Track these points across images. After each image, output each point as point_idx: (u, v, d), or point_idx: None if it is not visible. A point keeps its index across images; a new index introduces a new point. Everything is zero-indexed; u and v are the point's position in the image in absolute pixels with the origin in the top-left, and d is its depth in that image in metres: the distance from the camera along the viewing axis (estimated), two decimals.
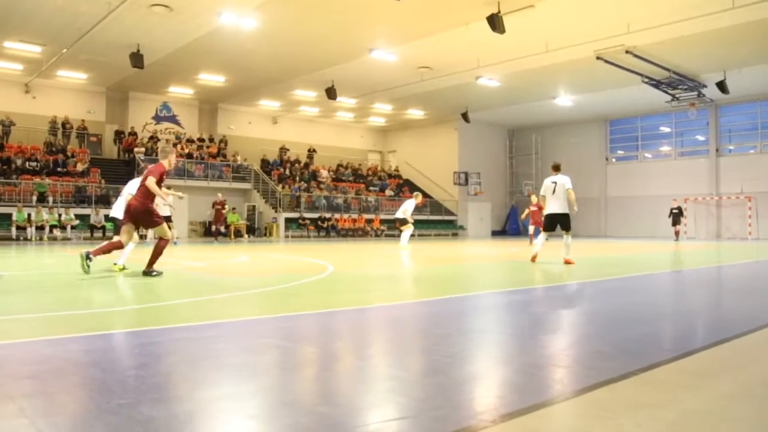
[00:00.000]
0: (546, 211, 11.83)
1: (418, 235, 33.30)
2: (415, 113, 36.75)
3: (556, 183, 11.53)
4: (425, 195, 37.97)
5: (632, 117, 35.90)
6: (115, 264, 9.57)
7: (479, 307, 6.33)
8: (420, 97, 31.66)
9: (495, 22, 18.15)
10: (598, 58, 23.31)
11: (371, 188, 36.57)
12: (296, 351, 4.01)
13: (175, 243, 19.01)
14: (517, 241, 23.54)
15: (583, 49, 22.41)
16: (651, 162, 35.66)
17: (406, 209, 18.91)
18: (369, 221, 32.43)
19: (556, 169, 11.81)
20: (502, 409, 2.71)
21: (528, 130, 39.78)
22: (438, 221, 36.71)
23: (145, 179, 8.68)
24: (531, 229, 21.39)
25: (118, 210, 10.89)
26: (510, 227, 39.87)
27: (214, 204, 25.81)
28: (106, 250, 8.73)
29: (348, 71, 26.41)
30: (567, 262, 11.52)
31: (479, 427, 2.46)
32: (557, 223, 11.71)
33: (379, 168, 40.45)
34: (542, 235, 12.10)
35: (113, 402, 2.71)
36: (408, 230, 18.76)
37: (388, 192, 36.69)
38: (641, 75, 25.69)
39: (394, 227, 32.82)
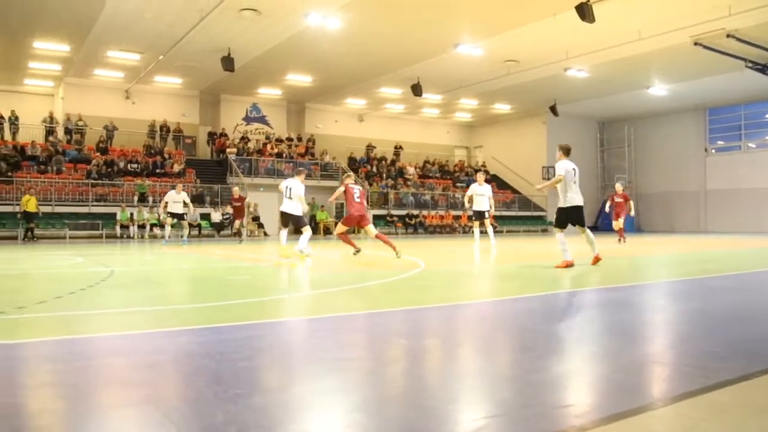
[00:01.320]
0: (568, 204, 9.65)
1: (506, 232, 32.80)
2: (502, 107, 36.18)
3: (575, 169, 9.68)
4: (513, 191, 37.39)
5: (734, 105, 33.86)
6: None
7: (574, 305, 6.12)
8: (507, 91, 31.15)
9: (584, 11, 17.59)
10: (695, 44, 22.15)
11: (458, 184, 36.28)
12: (396, 346, 4.01)
13: (183, 242, 19.44)
14: (609, 236, 22.73)
15: (679, 35, 21.36)
16: (756, 152, 33.55)
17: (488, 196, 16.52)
18: (456, 217, 32.19)
19: (569, 152, 9.95)
20: (606, 409, 2.58)
21: (620, 121, 38.36)
22: (526, 217, 36.01)
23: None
24: (617, 223, 19.02)
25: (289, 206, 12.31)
26: (602, 222, 38.54)
27: (232, 201, 21.86)
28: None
29: (433, 67, 26.30)
30: (597, 260, 9.91)
31: (586, 427, 2.34)
32: (576, 218, 9.72)
33: (465, 164, 40.10)
34: (561, 235, 9.82)
35: (230, 391, 2.79)
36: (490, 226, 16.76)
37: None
38: (744, 60, 24.21)
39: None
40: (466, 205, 17.46)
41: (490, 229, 16.70)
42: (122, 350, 3.82)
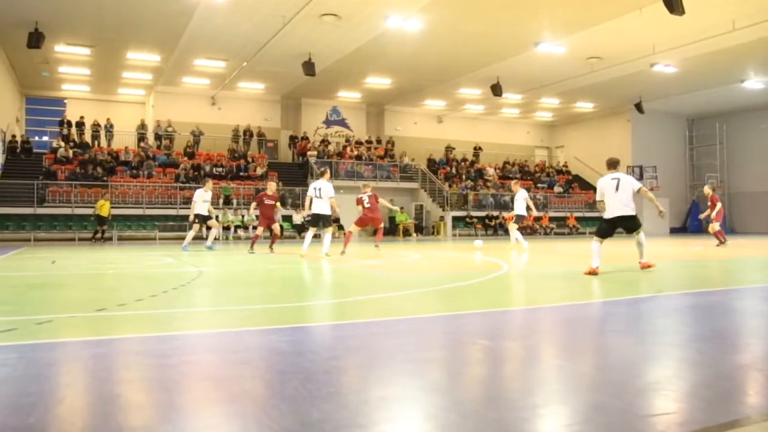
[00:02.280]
0: (608, 215, 9.57)
1: (589, 233, 31.92)
2: (584, 106, 35.26)
3: (619, 180, 9.52)
4: (596, 192, 36.31)
5: None
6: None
7: (665, 309, 5.86)
8: (589, 89, 30.33)
9: (673, 3, 16.86)
10: None
11: (539, 185, 35.62)
12: (482, 348, 3.95)
13: (209, 246, 16.80)
14: (699, 239, 21.77)
15: None
16: None
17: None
18: (537, 219, 31.59)
19: (615, 165, 9.97)
20: (702, 420, 2.44)
21: (710, 118, 36.61)
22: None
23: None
24: (716, 225, 18.15)
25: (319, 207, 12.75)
26: (691, 224, 36.95)
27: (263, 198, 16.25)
28: None
29: (513, 66, 25.93)
30: (646, 267, 9.51)
31: None
32: (617, 228, 9.65)
33: (546, 164, 39.31)
34: (597, 244, 9.47)
35: (323, 390, 2.81)
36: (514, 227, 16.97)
37: (557, 189, 35.51)
38: None
39: (563, 225, 31.85)
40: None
41: (515, 233, 16.90)
42: (217, 347, 3.93)
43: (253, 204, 16.26)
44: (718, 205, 18.52)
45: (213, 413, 2.54)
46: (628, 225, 9.68)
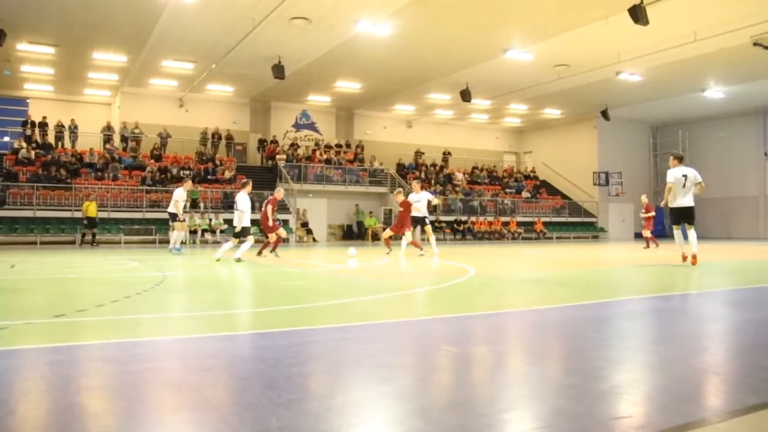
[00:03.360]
0: (677, 204, 10.90)
1: (556, 238, 32.29)
2: (552, 112, 35.72)
3: (686, 176, 10.79)
4: (563, 197, 36.79)
5: None
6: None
7: (629, 312, 5.94)
8: (557, 96, 30.73)
9: (638, 14, 17.21)
10: (755, 44, 21.40)
11: (507, 190, 35.95)
12: (449, 354, 3.96)
13: (176, 250, 16.51)
14: (664, 243, 22.17)
15: (737, 36, 20.68)
16: None
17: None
18: (505, 224, 31.86)
19: (682, 160, 11.36)
20: (663, 422, 2.47)
21: (674, 125, 37.38)
22: (577, 223, 35.40)
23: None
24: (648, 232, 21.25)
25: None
26: (654, 229, 37.57)
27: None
28: None
29: (482, 73, 26.15)
30: (695, 261, 10.90)
31: None
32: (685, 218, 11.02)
33: (515, 169, 39.70)
34: (677, 231, 11.18)
35: (284, 397, 2.79)
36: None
37: (525, 194, 35.87)
38: None
39: (531, 230, 32.14)
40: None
41: (432, 237, 16.08)
42: (178, 353, 3.87)
43: (270, 208, 15.12)
44: (651, 212, 21.57)
45: (173, 421, 2.49)
46: (690, 216, 10.93)
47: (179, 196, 16.49)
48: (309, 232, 27.64)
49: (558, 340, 4.52)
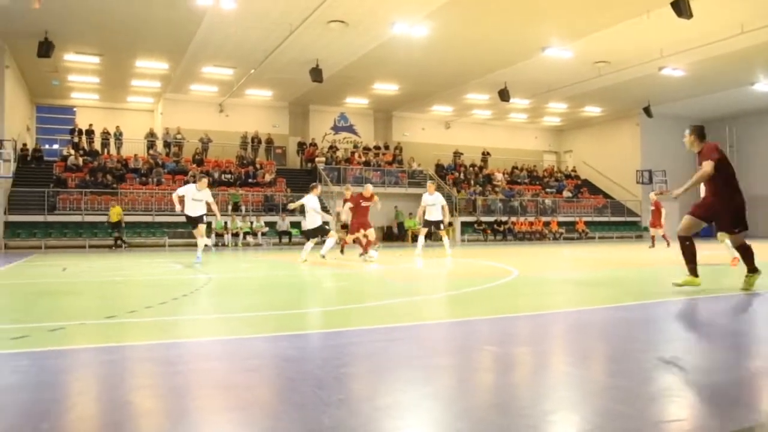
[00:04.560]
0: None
1: (599, 238, 31.80)
2: (593, 110, 35.21)
3: None
4: (605, 196, 36.21)
5: None
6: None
7: (675, 314, 5.83)
8: (597, 94, 30.27)
9: (681, 7, 16.84)
10: None
11: (548, 190, 35.55)
12: (494, 355, 3.94)
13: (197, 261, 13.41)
14: (710, 243, 21.60)
15: None
16: None
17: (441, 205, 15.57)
18: (546, 224, 31.51)
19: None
20: (716, 427, 2.42)
21: (720, 121, 36.39)
22: (620, 223, 34.80)
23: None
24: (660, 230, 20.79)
25: None
26: (702, 230, 36.63)
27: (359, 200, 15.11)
28: None
29: (521, 71, 25.94)
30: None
31: None
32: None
33: (555, 169, 39.24)
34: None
35: (333, 397, 2.82)
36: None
37: (566, 193, 35.43)
38: None
39: (573, 230, 31.71)
40: (418, 218, 16.83)
41: (446, 239, 16.26)
42: (226, 354, 3.94)
43: (348, 205, 14.61)
44: (663, 211, 20.99)
45: (223, 420, 2.54)
46: None
47: (186, 191, 13.79)
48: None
49: (603, 341, 4.47)
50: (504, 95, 27.55)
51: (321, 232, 13.50)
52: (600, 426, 2.45)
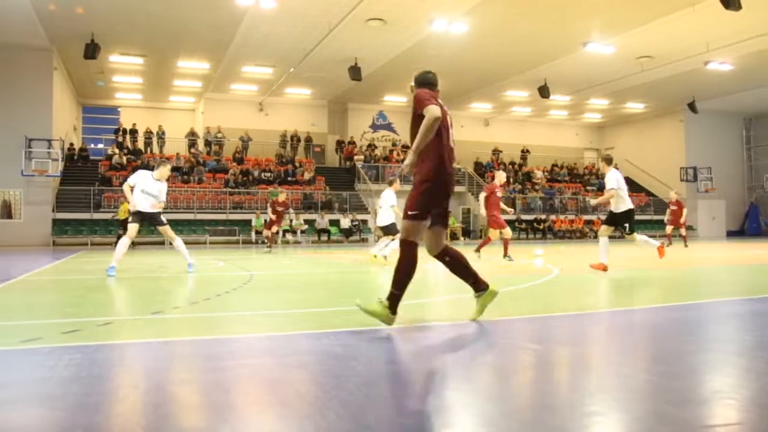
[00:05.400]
0: (623, 208, 9.51)
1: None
2: (635, 106, 34.58)
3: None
4: (648, 194, 35.52)
5: None
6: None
7: (724, 315, 5.68)
8: (640, 89, 29.71)
9: None
10: None
11: (589, 188, 35.03)
12: (536, 354, 3.89)
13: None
14: (760, 242, 21.06)
15: None
16: None
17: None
18: (588, 222, 31.07)
19: (611, 162, 10.28)
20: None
21: None
22: (663, 221, 34.00)
23: None
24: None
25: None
26: (749, 227, 35.78)
27: (275, 205, 18.70)
28: None
29: (561, 67, 25.63)
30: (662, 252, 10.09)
31: None
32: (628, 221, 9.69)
33: (596, 166, 38.63)
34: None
35: (379, 394, 2.85)
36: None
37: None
38: None
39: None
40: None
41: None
42: (269, 350, 3.98)
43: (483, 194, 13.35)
44: (685, 210, 20.20)
45: (271, 415, 2.56)
46: (630, 221, 9.72)
47: (138, 180, 9.93)
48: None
49: (652, 342, 4.38)
50: (544, 92, 27.25)
51: (394, 231, 12.17)
52: (652, 428, 2.40)
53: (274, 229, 19.29)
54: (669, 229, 20.25)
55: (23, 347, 3.84)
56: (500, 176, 13.21)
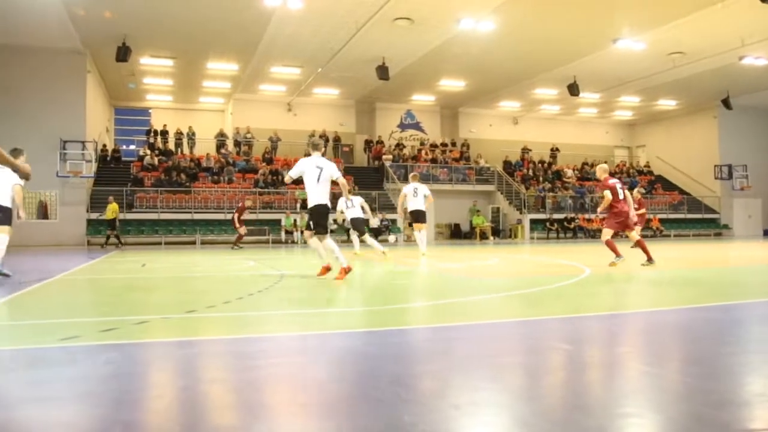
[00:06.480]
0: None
1: (674, 235, 30.75)
2: (667, 103, 34.04)
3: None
4: (681, 192, 34.96)
5: None
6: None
7: (763, 316, 5.58)
8: (672, 86, 29.23)
9: None
10: None
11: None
12: (568, 354, 3.86)
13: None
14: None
15: None
16: None
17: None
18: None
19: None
20: None
21: None
22: (697, 220, 33.53)
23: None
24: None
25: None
26: None
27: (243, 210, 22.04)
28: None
29: (590, 65, 25.36)
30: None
31: None
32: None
33: (627, 165, 38.13)
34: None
35: (411, 393, 2.85)
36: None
37: (639, 190, 34.27)
38: None
39: (646, 227, 30.68)
40: (399, 211, 15.71)
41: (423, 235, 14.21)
42: (303, 349, 4.01)
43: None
44: (643, 209, 18.98)
45: (304, 414, 2.58)
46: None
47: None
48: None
49: (689, 343, 4.31)
50: (573, 89, 26.98)
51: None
52: (690, 430, 2.37)
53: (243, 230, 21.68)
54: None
55: (63, 345, 3.93)
56: (604, 168, 11.38)
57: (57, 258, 15.39)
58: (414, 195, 13.69)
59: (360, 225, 13.74)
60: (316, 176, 8.42)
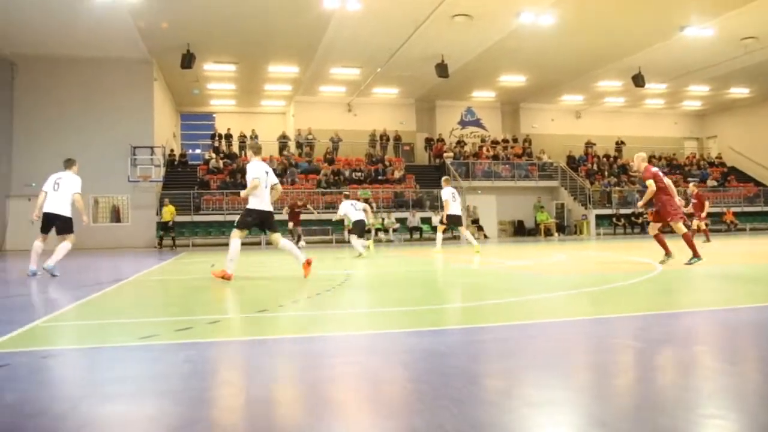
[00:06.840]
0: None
1: (750, 229, 29.53)
2: (739, 92, 32.71)
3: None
4: (757, 184, 33.55)
5: None
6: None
7: None
8: (744, 73, 28.07)
9: None
10: None
11: (690, 179, 33.42)
12: (644, 353, 3.76)
13: None
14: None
15: None
16: None
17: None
18: (689, 215, 29.60)
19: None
20: None
21: None
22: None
23: None
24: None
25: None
26: None
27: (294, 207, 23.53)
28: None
29: (656, 54, 24.61)
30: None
31: None
32: None
33: (697, 156, 36.82)
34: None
35: (488, 393, 2.84)
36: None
37: (711, 182, 33.15)
38: None
39: (719, 221, 29.63)
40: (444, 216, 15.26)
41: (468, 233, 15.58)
42: (373, 348, 4.03)
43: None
44: (707, 203, 18.17)
45: (380, 412, 2.60)
46: None
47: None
48: (480, 228, 27.56)
49: None
50: (638, 80, 26.25)
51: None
52: None
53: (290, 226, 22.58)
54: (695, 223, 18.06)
55: (142, 343, 4.07)
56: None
57: (130, 260, 15.96)
58: (453, 199, 14.59)
59: (361, 228, 14.39)
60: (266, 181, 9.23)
